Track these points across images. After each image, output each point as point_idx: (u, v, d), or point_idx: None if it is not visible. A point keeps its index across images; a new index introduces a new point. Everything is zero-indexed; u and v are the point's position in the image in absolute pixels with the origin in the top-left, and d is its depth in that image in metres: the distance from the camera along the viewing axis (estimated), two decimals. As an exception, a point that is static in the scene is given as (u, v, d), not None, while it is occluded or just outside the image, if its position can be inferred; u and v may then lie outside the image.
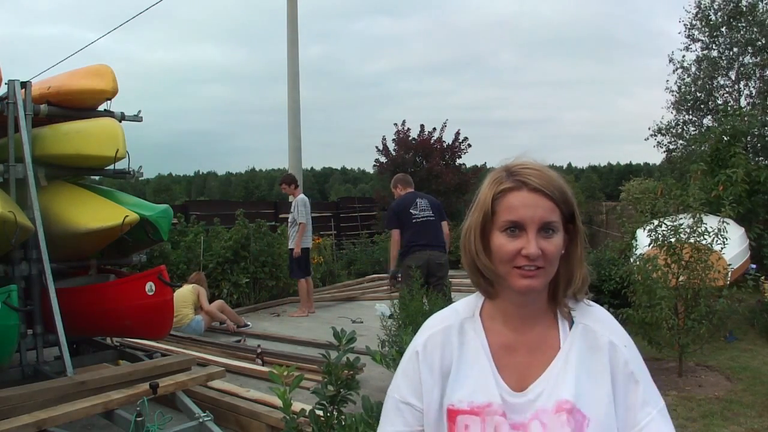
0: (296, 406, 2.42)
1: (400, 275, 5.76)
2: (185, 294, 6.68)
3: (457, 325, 1.16)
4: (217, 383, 4.26)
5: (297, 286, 8.13)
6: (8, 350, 3.60)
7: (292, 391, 2.23)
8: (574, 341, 1.11)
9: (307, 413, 2.26)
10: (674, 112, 14.40)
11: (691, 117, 14.26)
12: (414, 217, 5.69)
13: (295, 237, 7.63)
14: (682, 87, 14.20)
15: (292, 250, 7.72)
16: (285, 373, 2.26)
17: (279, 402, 2.23)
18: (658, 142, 14.59)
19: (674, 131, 14.27)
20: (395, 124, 14.58)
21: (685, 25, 14.22)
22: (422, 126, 14.59)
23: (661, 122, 14.47)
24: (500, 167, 1.11)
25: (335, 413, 2.21)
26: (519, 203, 1.05)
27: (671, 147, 14.47)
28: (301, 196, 7.86)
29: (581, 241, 1.12)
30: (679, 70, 14.38)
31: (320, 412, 2.22)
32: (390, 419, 1.18)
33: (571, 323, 1.13)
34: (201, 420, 3.46)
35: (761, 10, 13.09)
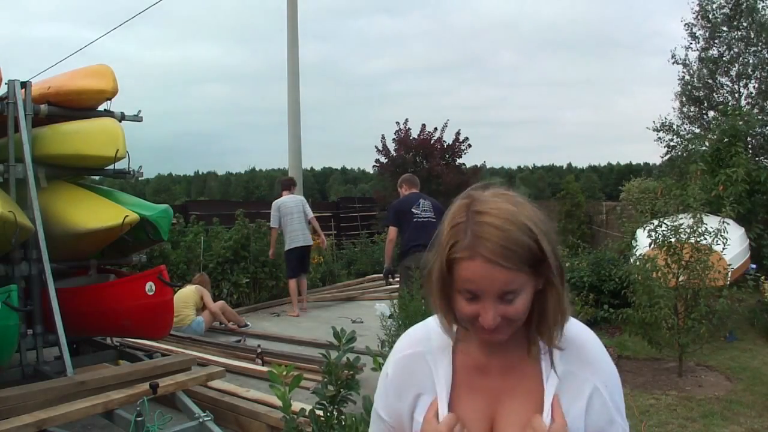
0: (296, 406, 2.42)
1: (398, 274, 5.76)
2: (187, 294, 6.67)
3: (427, 355, 1.12)
4: (217, 383, 4.26)
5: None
6: (8, 350, 3.60)
7: (291, 390, 2.23)
8: (554, 380, 1.06)
9: (307, 413, 2.26)
10: (678, 104, 14.46)
11: (694, 112, 14.30)
12: (416, 216, 5.71)
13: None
14: (685, 83, 14.25)
15: (304, 248, 7.99)
16: (284, 373, 2.26)
17: (279, 402, 2.24)
18: (659, 137, 14.63)
19: (675, 128, 14.32)
20: (397, 123, 14.56)
21: (687, 23, 14.25)
22: (423, 126, 14.58)
23: (665, 118, 14.52)
24: (463, 204, 1.01)
25: (335, 413, 2.21)
26: (473, 275, 0.96)
27: (671, 144, 14.52)
28: (280, 198, 8.03)
29: (557, 280, 1.03)
30: (680, 66, 14.44)
31: (320, 412, 2.22)
32: (372, 428, 1.20)
33: (549, 351, 1.07)
34: (201, 420, 3.46)
35: (761, 11, 13.11)
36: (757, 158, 11.44)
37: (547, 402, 1.04)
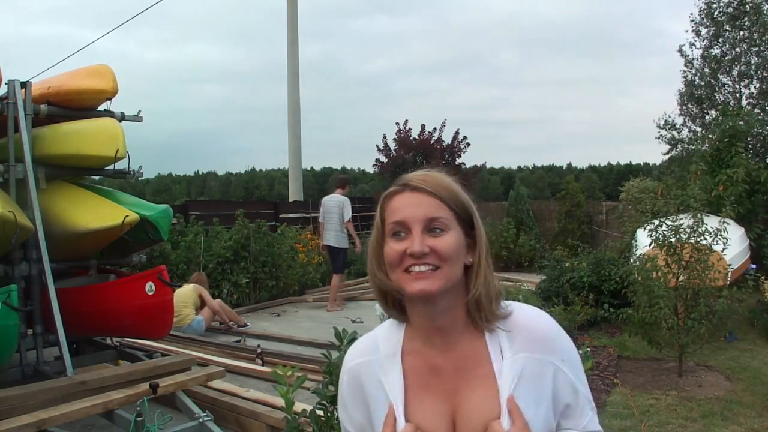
0: (297, 406, 2.42)
1: None
2: (186, 294, 6.68)
3: (376, 364, 1.12)
4: (217, 383, 4.26)
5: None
6: (8, 350, 3.60)
7: (294, 391, 2.23)
8: (509, 371, 1.05)
9: (307, 413, 2.26)
10: (681, 102, 14.48)
11: (695, 111, 14.33)
12: None
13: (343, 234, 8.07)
14: (687, 81, 14.28)
15: (331, 247, 8.13)
16: (288, 374, 2.26)
17: (279, 402, 2.24)
18: (661, 135, 14.66)
19: (678, 126, 14.36)
20: (397, 123, 14.57)
21: (692, 21, 14.27)
22: (423, 126, 14.59)
23: (669, 116, 14.56)
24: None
25: (336, 413, 2.21)
26: (401, 204, 1.03)
27: (673, 142, 14.54)
28: (328, 195, 8.33)
29: (486, 249, 1.07)
30: (683, 61, 14.47)
31: (321, 412, 2.22)
32: None
33: (498, 340, 1.07)
34: (201, 420, 3.46)
35: (766, 11, 13.11)
36: (757, 158, 11.43)
37: (503, 402, 1.03)
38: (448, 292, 1.03)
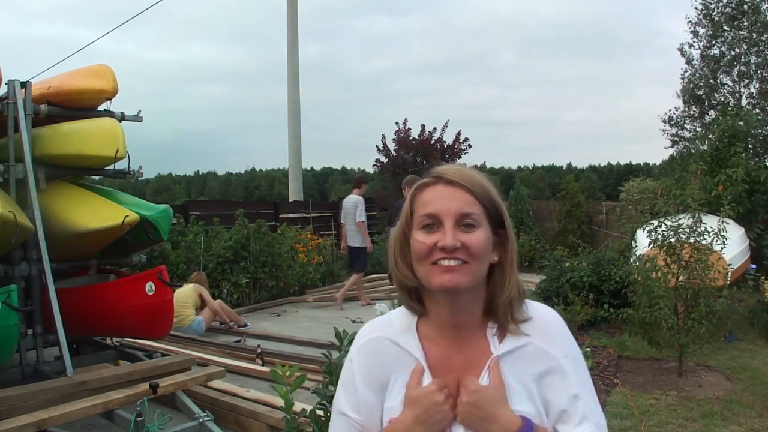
0: (297, 406, 2.42)
1: None
2: (186, 294, 6.67)
3: (393, 337, 1.12)
4: (217, 383, 4.26)
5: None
6: (8, 350, 3.60)
7: (293, 390, 2.23)
8: (507, 363, 1.06)
9: (307, 413, 2.26)
10: (681, 102, 14.53)
11: (696, 110, 14.35)
12: None
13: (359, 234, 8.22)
14: (688, 81, 14.30)
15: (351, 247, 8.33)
16: (287, 374, 2.26)
17: (279, 402, 2.24)
18: (663, 130, 14.69)
19: (680, 123, 14.38)
20: (396, 123, 14.56)
21: (690, 21, 14.28)
22: (423, 126, 14.58)
23: (673, 113, 14.59)
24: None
25: (335, 413, 2.21)
26: (434, 197, 1.03)
27: (675, 139, 14.57)
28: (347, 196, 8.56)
29: (513, 249, 1.08)
30: (683, 61, 14.50)
31: (321, 412, 2.22)
32: (333, 430, 1.16)
33: (504, 337, 1.08)
34: (201, 420, 3.46)
35: (764, 11, 13.12)
36: (756, 158, 11.43)
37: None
38: (471, 288, 1.03)
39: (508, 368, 1.05)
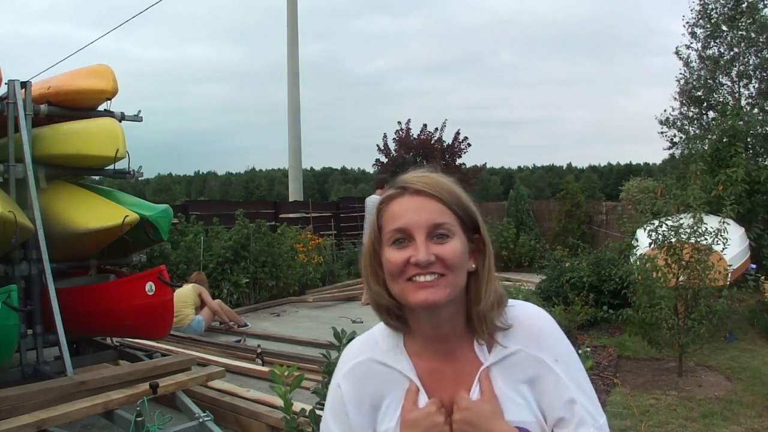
0: (296, 406, 2.42)
1: None
2: (186, 294, 6.68)
3: (380, 358, 1.07)
4: (217, 383, 4.26)
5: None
6: (8, 350, 3.60)
7: (292, 391, 2.23)
8: (498, 372, 1.03)
9: (307, 413, 2.26)
10: (679, 104, 14.51)
11: (693, 112, 14.33)
12: None
13: None
14: (685, 82, 14.28)
15: None
16: (286, 373, 2.26)
17: (279, 402, 2.24)
18: (662, 132, 14.69)
19: (678, 125, 14.36)
20: (399, 122, 14.55)
21: (687, 22, 14.26)
22: (424, 126, 14.57)
23: (671, 113, 14.57)
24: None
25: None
26: (402, 209, 0.97)
27: (675, 140, 14.56)
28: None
29: (490, 254, 1.03)
30: (681, 63, 14.49)
31: (320, 412, 2.22)
32: None
33: (493, 346, 1.04)
34: (201, 420, 3.46)
35: (761, 10, 13.11)
36: (757, 158, 11.43)
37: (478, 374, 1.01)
38: (451, 300, 0.99)
39: (500, 377, 1.02)
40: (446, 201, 0.98)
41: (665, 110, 14.75)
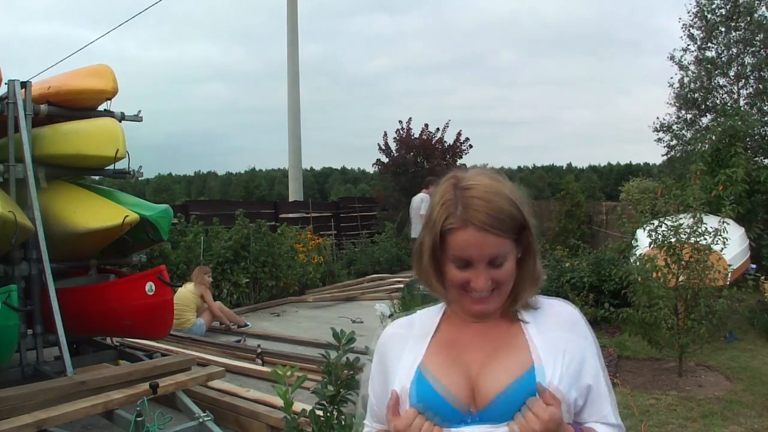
0: (296, 406, 2.42)
1: None
2: (187, 296, 6.64)
3: (408, 338, 1.17)
4: (217, 383, 4.26)
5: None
6: (8, 350, 3.60)
7: (294, 391, 2.23)
8: (532, 325, 1.13)
9: (307, 413, 2.26)
10: (675, 109, 14.46)
11: (690, 116, 14.29)
12: None
13: None
14: (682, 85, 14.24)
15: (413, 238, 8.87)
16: (288, 374, 2.26)
17: (279, 402, 2.24)
18: (659, 138, 14.64)
19: (674, 130, 14.30)
20: (399, 122, 14.54)
21: (684, 24, 14.24)
22: (426, 125, 14.56)
23: (663, 119, 14.52)
24: (449, 183, 1.10)
25: (335, 413, 2.22)
26: (466, 243, 1.04)
27: (671, 144, 14.51)
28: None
29: (535, 246, 1.12)
30: (676, 67, 14.43)
31: (320, 412, 2.22)
32: (367, 413, 1.24)
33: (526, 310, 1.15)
34: (201, 420, 3.46)
35: (759, 11, 13.09)
36: (756, 158, 11.42)
37: (537, 350, 1.07)
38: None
39: (536, 336, 1.09)
40: (506, 233, 1.05)
41: (658, 117, 14.71)
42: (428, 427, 1.03)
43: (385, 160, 14.52)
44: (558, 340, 1.09)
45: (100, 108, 4.61)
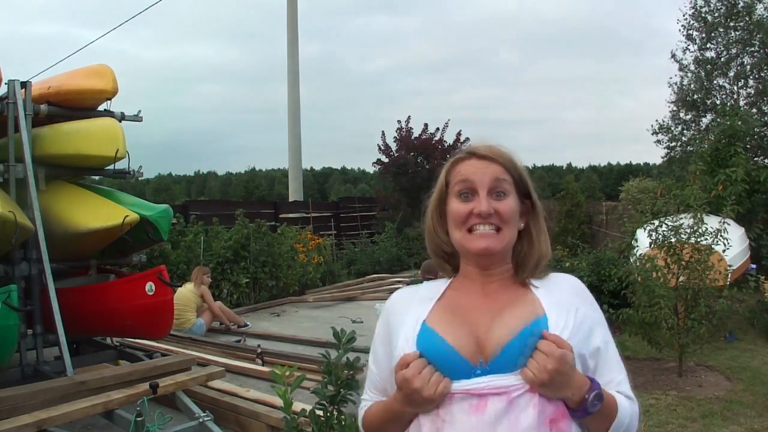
0: (296, 406, 2.42)
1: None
2: (187, 296, 6.64)
3: (413, 300, 1.19)
4: (217, 383, 4.26)
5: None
6: (8, 350, 3.60)
7: (293, 390, 2.23)
8: (542, 292, 1.14)
9: (307, 413, 2.26)
10: (674, 109, 14.43)
11: (690, 117, 14.26)
12: None
13: None
14: (682, 86, 14.22)
15: None
16: (287, 374, 2.26)
17: (279, 402, 2.24)
18: (658, 140, 14.62)
19: (673, 131, 14.28)
20: (399, 121, 14.54)
21: (683, 25, 14.23)
22: (426, 125, 14.55)
23: (663, 121, 14.49)
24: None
25: (335, 413, 2.21)
26: (469, 170, 1.14)
27: (671, 145, 14.49)
28: None
29: (541, 216, 1.18)
30: (677, 66, 14.42)
31: (320, 412, 2.22)
32: (366, 386, 1.26)
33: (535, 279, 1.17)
34: (201, 420, 3.46)
35: (758, 11, 13.07)
36: (755, 158, 11.42)
37: (545, 303, 1.10)
38: (504, 251, 1.13)
39: (544, 296, 1.11)
40: (506, 165, 1.14)
41: (656, 120, 14.69)
42: (437, 377, 1.03)
43: (385, 160, 14.53)
44: (569, 302, 1.11)
45: (100, 108, 4.60)
